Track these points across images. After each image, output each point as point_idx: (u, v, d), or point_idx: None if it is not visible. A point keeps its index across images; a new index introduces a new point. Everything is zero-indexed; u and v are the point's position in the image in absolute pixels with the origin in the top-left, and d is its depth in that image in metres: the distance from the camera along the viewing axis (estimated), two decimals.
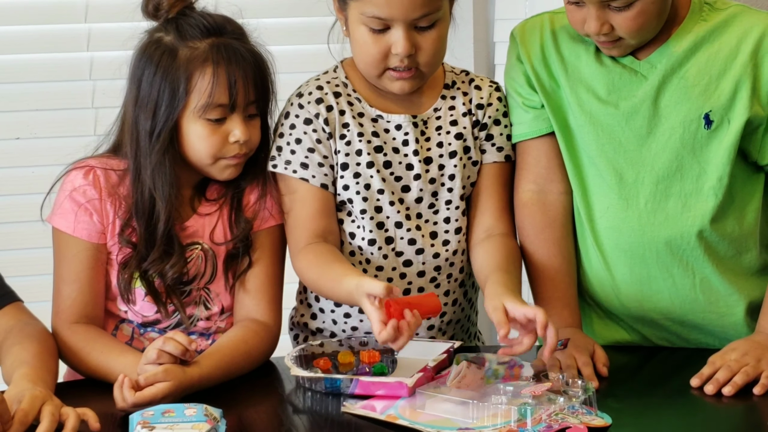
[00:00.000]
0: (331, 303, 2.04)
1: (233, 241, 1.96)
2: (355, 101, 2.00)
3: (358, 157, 1.98)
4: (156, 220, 1.91)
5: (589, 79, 1.96)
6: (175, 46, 1.90)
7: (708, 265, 1.95)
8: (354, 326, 2.04)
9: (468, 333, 2.13)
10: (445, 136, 2.01)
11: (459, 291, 2.05)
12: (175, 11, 1.92)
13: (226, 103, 1.89)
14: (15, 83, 2.76)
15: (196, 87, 1.88)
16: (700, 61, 1.91)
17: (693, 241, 1.93)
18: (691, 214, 1.93)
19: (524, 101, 2.02)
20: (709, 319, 1.99)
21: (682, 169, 1.92)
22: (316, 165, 1.97)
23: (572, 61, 1.98)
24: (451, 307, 2.05)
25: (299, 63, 2.48)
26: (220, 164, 1.94)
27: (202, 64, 1.88)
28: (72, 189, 1.93)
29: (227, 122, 1.91)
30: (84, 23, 2.75)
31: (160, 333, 1.96)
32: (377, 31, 1.90)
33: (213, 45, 1.90)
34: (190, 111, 1.90)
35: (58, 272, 1.95)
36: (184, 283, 1.95)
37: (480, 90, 2.04)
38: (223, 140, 1.91)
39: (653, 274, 1.96)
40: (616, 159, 1.95)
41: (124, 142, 1.95)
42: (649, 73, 1.93)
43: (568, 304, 2.00)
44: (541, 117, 2.01)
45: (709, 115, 1.90)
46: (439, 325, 2.04)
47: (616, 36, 1.89)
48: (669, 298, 1.97)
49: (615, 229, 1.96)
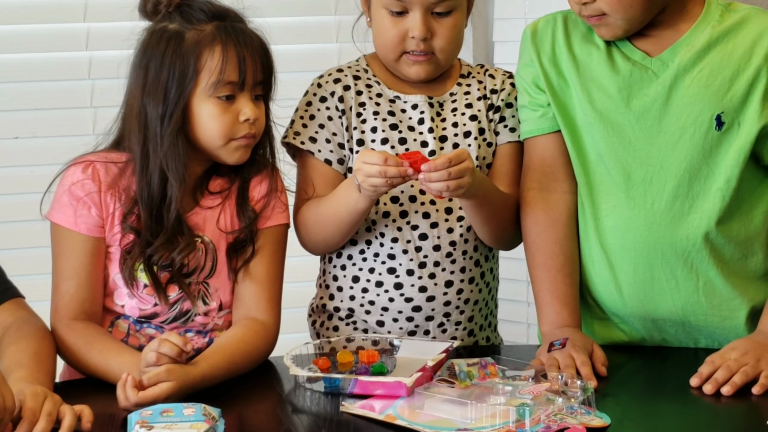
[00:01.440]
0: (348, 279, 2.07)
1: (241, 230, 1.97)
2: (374, 84, 2.08)
3: (373, 134, 2.04)
4: (168, 204, 1.92)
5: (600, 78, 1.97)
6: (181, 30, 1.92)
7: (712, 268, 1.95)
8: (371, 300, 2.06)
9: (488, 321, 2.14)
10: (460, 117, 2.07)
11: (476, 270, 2.08)
12: (176, 3, 1.94)
13: (236, 81, 1.91)
14: (14, 82, 2.77)
15: (206, 66, 1.90)
16: (714, 62, 1.92)
17: (699, 242, 1.93)
18: (698, 215, 1.93)
19: (531, 100, 2.03)
20: (710, 321, 1.98)
21: (690, 169, 1.92)
22: (324, 141, 2.04)
23: (584, 60, 1.99)
24: (468, 285, 2.07)
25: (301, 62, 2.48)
26: (231, 145, 1.95)
27: (210, 43, 1.90)
28: (71, 183, 1.94)
29: (237, 101, 1.93)
30: (83, 23, 2.75)
31: (156, 329, 1.97)
32: (396, 13, 1.99)
33: (219, 27, 1.92)
34: (200, 90, 1.91)
35: (57, 268, 1.95)
36: (184, 275, 1.96)
37: (494, 78, 2.11)
38: (234, 119, 1.93)
39: (657, 274, 1.96)
40: (625, 157, 1.95)
41: (127, 134, 1.95)
42: (660, 71, 1.94)
43: (567, 303, 2.00)
44: (546, 115, 2.02)
45: (720, 116, 1.91)
46: (457, 303, 2.06)
47: (599, 10, 1.90)
48: (671, 300, 1.97)
49: (621, 228, 1.96)
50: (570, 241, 2.02)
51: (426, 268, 2.04)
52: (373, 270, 2.06)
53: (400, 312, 2.05)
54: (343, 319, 2.09)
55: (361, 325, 2.08)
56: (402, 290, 2.04)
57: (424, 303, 2.04)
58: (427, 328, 2.06)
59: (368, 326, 2.07)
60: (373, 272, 2.06)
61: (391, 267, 2.04)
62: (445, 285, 2.05)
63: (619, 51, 1.97)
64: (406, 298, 2.04)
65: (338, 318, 2.10)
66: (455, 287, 2.05)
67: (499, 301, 2.96)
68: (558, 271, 2.00)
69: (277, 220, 2.01)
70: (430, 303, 2.05)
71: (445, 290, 2.05)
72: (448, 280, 2.05)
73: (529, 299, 2.89)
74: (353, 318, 2.09)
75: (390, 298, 2.05)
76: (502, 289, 2.97)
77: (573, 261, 2.02)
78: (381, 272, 2.05)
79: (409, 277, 2.02)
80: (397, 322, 2.05)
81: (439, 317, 2.06)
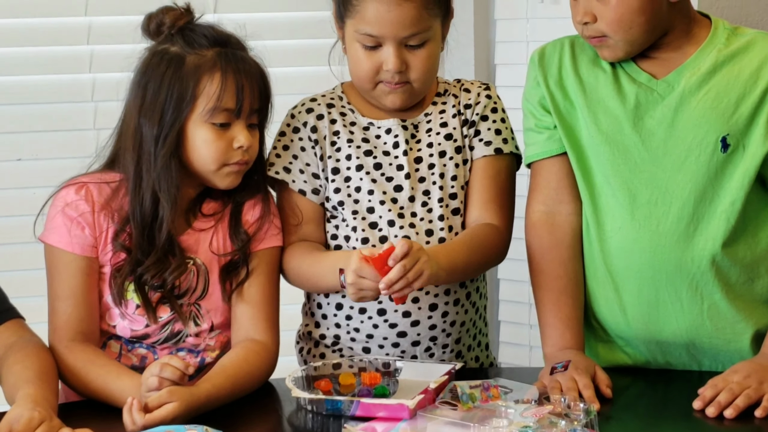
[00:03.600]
0: (332, 307, 2.06)
1: (234, 252, 1.97)
2: (348, 112, 2.08)
3: (347, 161, 2.04)
4: (159, 224, 1.92)
5: (606, 100, 1.97)
6: (183, 53, 1.93)
7: (717, 291, 1.94)
8: (356, 327, 2.05)
9: (476, 341, 2.13)
10: (435, 137, 2.06)
11: (461, 291, 2.06)
12: (179, 26, 1.94)
13: (233, 108, 1.92)
14: (17, 104, 2.77)
15: (204, 91, 1.91)
16: (720, 84, 1.92)
17: (704, 265, 1.93)
18: (703, 237, 1.92)
19: (537, 123, 2.04)
20: (715, 344, 1.98)
21: (696, 191, 1.92)
22: (298, 171, 2.05)
23: (591, 83, 2.00)
24: (453, 307, 2.05)
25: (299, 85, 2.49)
26: (223, 171, 1.95)
27: (210, 69, 1.91)
28: (64, 204, 1.95)
29: (232, 128, 1.94)
30: (86, 45, 2.76)
31: (148, 349, 1.97)
32: (370, 48, 1.99)
33: (220, 53, 1.93)
34: (196, 115, 1.92)
35: (53, 290, 1.96)
36: (175, 296, 1.96)
37: (469, 92, 2.10)
38: (228, 145, 1.93)
39: (662, 296, 1.96)
40: (630, 179, 1.95)
41: (122, 152, 1.96)
42: (666, 93, 1.94)
43: (571, 325, 1.99)
44: (553, 138, 2.02)
45: (726, 138, 1.91)
46: (442, 326, 2.05)
47: (600, 31, 1.91)
48: (676, 322, 1.97)
49: (626, 249, 1.96)
50: (574, 263, 2.02)
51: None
52: None
53: (386, 338, 2.04)
54: (329, 346, 2.08)
55: (347, 352, 2.07)
56: (386, 316, 2.03)
57: (408, 328, 2.03)
58: (414, 353, 2.05)
59: (354, 353, 2.05)
60: None
61: None
62: (430, 308, 2.03)
63: (626, 73, 1.98)
64: (390, 324, 2.03)
65: (324, 345, 2.09)
66: (440, 310, 2.04)
67: (501, 323, 2.97)
68: (561, 293, 2.00)
69: (270, 242, 2.01)
70: (414, 328, 2.03)
71: (430, 314, 2.03)
72: (432, 303, 2.03)
73: (531, 321, 2.89)
74: (339, 345, 2.08)
75: (374, 324, 2.04)
76: (503, 312, 2.98)
77: (577, 283, 2.02)
78: None
79: (392, 303, 1.99)
80: (383, 349, 2.04)
81: (426, 341, 2.04)
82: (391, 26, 1.96)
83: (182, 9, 1.97)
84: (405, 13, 1.95)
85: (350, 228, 2.04)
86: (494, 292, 2.96)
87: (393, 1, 1.94)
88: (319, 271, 1.99)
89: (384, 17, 1.95)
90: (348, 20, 2.00)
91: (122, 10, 2.71)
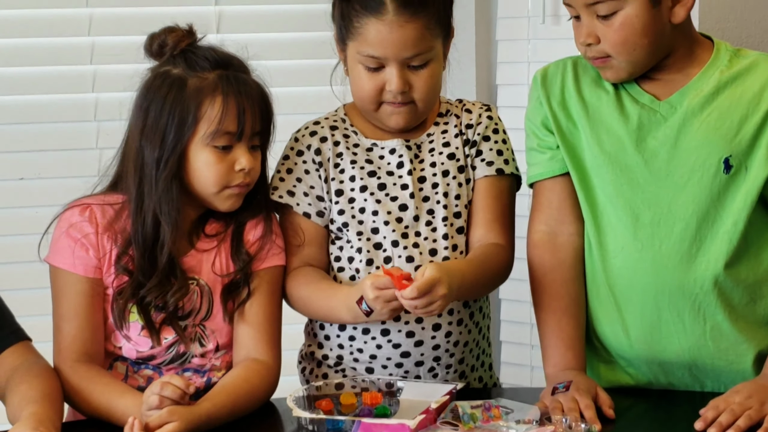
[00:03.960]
0: (335, 328, 2.06)
1: (235, 273, 1.97)
2: (351, 134, 2.09)
3: (351, 183, 2.04)
4: (161, 246, 1.93)
5: (609, 121, 1.98)
6: (184, 76, 1.93)
7: (720, 312, 1.94)
8: (359, 348, 2.05)
9: (480, 361, 2.13)
10: (437, 156, 2.07)
11: (464, 311, 2.06)
12: (181, 47, 1.95)
13: (235, 131, 1.92)
14: (19, 124, 2.78)
15: (205, 114, 1.91)
16: (723, 106, 1.93)
17: (706, 285, 1.92)
18: (706, 258, 1.92)
19: (540, 143, 2.04)
20: (717, 365, 1.98)
21: (698, 212, 1.92)
22: (302, 194, 2.05)
23: (593, 103, 2.00)
24: (456, 327, 2.05)
25: (301, 104, 2.50)
26: (225, 193, 1.96)
27: (212, 92, 1.92)
28: (68, 226, 1.95)
29: (233, 151, 1.94)
30: (89, 65, 2.77)
31: (154, 370, 1.97)
32: (372, 69, 1.99)
33: (222, 76, 1.94)
34: (198, 139, 1.92)
35: (57, 311, 1.96)
36: (179, 317, 1.96)
37: (470, 113, 2.11)
38: (229, 168, 1.94)
39: (664, 317, 1.96)
40: (633, 199, 1.95)
41: (125, 174, 1.97)
42: (669, 114, 1.94)
43: (572, 346, 1.99)
44: (555, 158, 2.02)
45: (728, 159, 1.91)
46: (446, 345, 2.04)
47: (603, 52, 1.91)
48: (678, 343, 1.97)
49: (628, 269, 1.96)
50: (576, 283, 2.02)
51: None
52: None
53: (389, 359, 2.03)
54: (332, 366, 2.08)
55: (350, 372, 2.06)
56: (389, 336, 2.03)
57: (412, 348, 2.03)
58: (417, 373, 2.04)
59: (357, 374, 2.05)
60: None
61: None
62: (433, 328, 2.03)
63: (628, 94, 1.98)
64: (393, 344, 2.03)
65: (327, 366, 2.09)
66: (443, 330, 2.03)
67: (502, 343, 2.97)
68: (563, 313, 2.00)
69: (272, 261, 2.01)
70: (418, 348, 2.03)
71: (433, 334, 2.03)
72: (436, 324, 2.03)
73: (532, 342, 2.89)
74: (342, 366, 2.07)
75: (378, 344, 2.03)
76: (504, 332, 2.98)
77: (579, 303, 2.02)
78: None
79: (395, 323, 2.00)
80: (386, 369, 2.04)
81: (429, 362, 2.04)
82: (394, 47, 1.96)
83: (185, 30, 1.98)
84: (407, 34, 1.96)
85: (354, 249, 2.03)
86: (496, 312, 2.96)
87: (395, 23, 1.95)
88: (332, 305, 1.98)
89: (386, 38, 1.96)
90: (350, 42, 2.00)
91: (125, 30, 2.72)
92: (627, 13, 1.88)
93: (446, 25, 2.03)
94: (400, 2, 1.95)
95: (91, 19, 2.76)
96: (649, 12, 1.89)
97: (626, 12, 1.88)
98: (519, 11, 2.88)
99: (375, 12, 1.95)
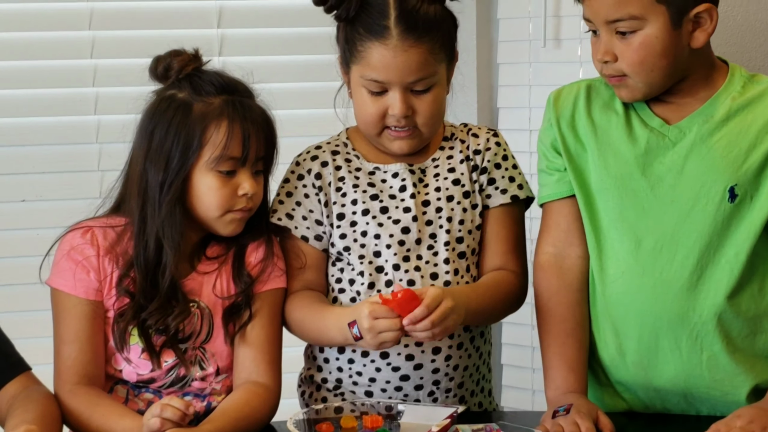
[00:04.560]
0: (334, 351, 2.06)
1: (236, 295, 1.97)
2: (353, 158, 2.09)
3: (353, 206, 2.04)
4: (163, 269, 1.93)
5: (617, 144, 1.96)
6: (190, 101, 1.93)
7: (718, 342, 1.92)
8: (358, 371, 2.04)
9: (480, 386, 2.12)
10: (442, 181, 2.07)
11: (465, 335, 2.05)
12: (187, 71, 1.95)
13: (239, 157, 1.93)
14: (21, 146, 2.78)
15: (210, 140, 1.92)
16: (732, 133, 1.90)
17: (705, 315, 1.91)
18: (706, 287, 1.90)
19: (549, 164, 2.04)
20: (712, 395, 1.96)
21: (701, 240, 1.90)
22: (300, 218, 2.05)
23: (603, 125, 1.99)
24: (456, 351, 2.04)
25: (305, 127, 2.50)
26: (227, 218, 1.96)
27: (217, 117, 1.92)
28: (70, 248, 1.96)
29: (237, 176, 1.95)
30: (92, 87, 2.78)
31: (155, 393, 1.97)
32: (375, 93, 1.99)
33: (227, 101, 1.94)
34: (202, 163, 1.93)
35: (58, 333, 1.96)
36: (180, 340, 1.95)
37: (477, 137, 2.10)
38: (233, 193, 1.94)
39: (662, 343, 1.94)
40: (636, 224, 1.94)
41: (128, 196, 1.97)
42: (678, 139, 1.93)
43: (575, 369, 1.99)
44: (563, 180, 2.02)
45: (734, 188, 1.89)
46: (446, 369, 2.04)
47: (620, 70, 1.90)
48: (674, 370, 1.95)
49: (628, 294, 1.95)
50: (581, 307, 2.01)
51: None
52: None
53: (388, 382, 2.03)
54: (331, 390, 2.08)
55: (349, 396, 2.05)
56: (388, 359, 2.02)
57: (411, 371, 2.02)
58: (416, 396, 2.03)
59: (356, 397, 2.04)
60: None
61: None
62: (433, 352, 2.02)
63: (638, 117, 1.97)
64: (393, 368, 2.02)
65: (326, 389, 2.08)
66: (443, 354, 2.03)
67: (504, 366, 2.96)
68: (567, 336, 1.99)
69: (273, 283, 2.02)
70: (417, 371, 2.02)
71: (433, 357, 2.02)
72: (436, 347, 2.02)
73: (534, 365, 2.88)
74: (341, 389, 2.07)
75: (377, 368, 2.03)
76: (506, 355, 2.97)
77: (583, 326, 2.01)
78: None
79: (395, 346, 1.98)
80: (385, 392, 2.03)
81: (429, 386, 2.03)
82: (397, 71, 1.96)
83: (191, 54, 1.98)
84: (411, 58, 1.96)
85: (356, 272, 2.03)
86: (497, 335, 2.95)
87: (399, 47, 1.95)
88: (323, 326, 1.97)
89: (390, 63, 1.96)
90: (353, 66, 2.01)
91: (127, 52, 2.73)
92: (647, 33, 1.87)
93: (450, 50, 2.03)
94: (404, 27, 1.95)
95: (94, 41, 2.77)
96: (669, 34, 1.87)
97: (646, 32, 1.86)
98: (520, 35, 2.88)
99: (379, 36, 1.96)
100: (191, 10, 2.82)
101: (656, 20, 1.86)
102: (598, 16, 1.90)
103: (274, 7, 2.86)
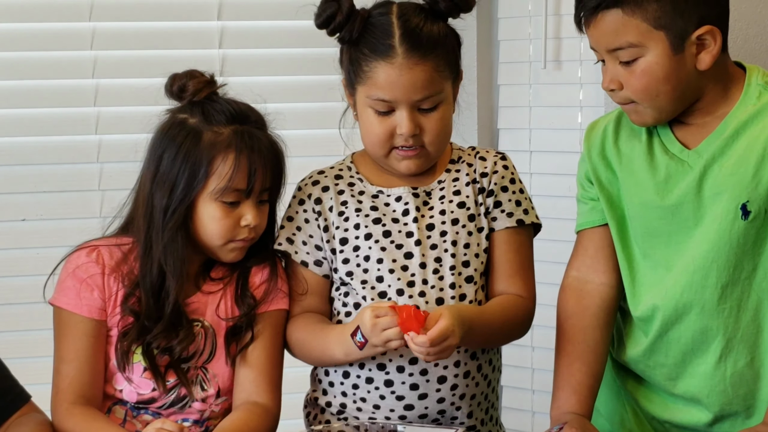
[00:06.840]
0: (339, 375, 2.03)
1: (239, 317, 1.97)
2: (356, 182, 2.08)
3: (356, 230, 2.03)
4: (165, 294, 1.93)
5: (639, 171, 1.95)
6: (200, 128, 1.93)
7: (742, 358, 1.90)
8: (362, 397, 2.02)
9: (488, 414, 2.09)
10: (447, 204, 2.05)
11: (471, 363, 2.02)
12: (201, 96, 1.96)
13: (244, 189, 1.93)
14: (22, 165, 2.78)
15: (216, 170, 1.92)
16: (740, 148, 1.86)
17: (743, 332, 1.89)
18: (727, 305, 1.89)
19: (583, 194, 2.04)
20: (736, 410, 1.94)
21: (719, 260, 1.87)
22: (301, 243, 2.04)
23: (627, 154, 1.98)
24: (462, 380, 2.01)
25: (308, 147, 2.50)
26: (228, 246, 1.96)
27: (225, 149, 1.92)
28: (75, 267, 1.95)
29: (240, 206, 1.95)
30: (93, 106, 2.78)
31: (153, 415, 1.96)
32: (382, 113, 1.99)
33: (237, 131, 1.94)
34: (207, 193, 1.93)
35: (58, 352, 1.96)
36: (182, 359, 1.95)
37: (485, 161, 2.09)
38: (235, 223, 1.94)
39: (688, 359, 1.93)
40: (665, 252, 1.93)
41: (136, 217, 1.97)
42: (695, 163, 1.90)
43: (579, 391, 1.98)
44: (596, 209, 2.02)
45: (746, 205, 1.86)
46: (451, 399, 2.00)
47: (627, 98, 1.90)
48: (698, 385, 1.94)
49: (666, 324, 1.93)
50: (597, 332, 2.00)
51: (417, 363, 1.97)
52: (363, 366, 2.00)
53: (392, 410, 1.99)
54: (335, 414, 2.06)
55: (353, 422, 2.02)
56: (393, 387, 1.99)
57: (416, 401, 1.98)
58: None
59: (360, 423, 2.00)
60: (363, 368, 2.00)
61: (381, 363, 1.97)
62: (438, 381, 1.98)
63: (660, 144, 1.95)
64: (397, 396, 1.99)
65: (330, 413, 2.06)
66: (449, 383, 1.99)
67: (504, 388, 2.95)
68: (577, 359, 1.99)
69: (276, 305, 2.01)
70: (422, 401, 1.99)
71: (438, 386, 1.98)
72: (441, 376, 1.98)
73: (533, 387, 2.88)
74: (345, 414, 2.04)
75: (381, 395, 2.00)
76: (506, 377, 2.96)
77: (595, 351, 2.00)
78: (371, 368, 1.99)
79: (399, 374, 1.97)
80: (389, 420, 2.01)
81: (434, 415, 2.00)
82: (404, 90, 1.96)
83: (206, 79, 1.98)
84: (417, 76, 1.96)
85: (360, 297, 2.02)
86: None
87: (404, 65, 1.95)
88: (324, 343, 1.97)
89: (396, 81, 1.96)
90: (359, 87, 2.00)
91: (129, 72, 2.74)
92: (648, 60, 1.85)
93: (455, 67, 2.03)
94: (409, 45, 1.95)
95: (95, 60, 2.77)
96: (670, 59, 1.85)
97: (647, 59, 1.85)
98: (520, 56, 2.89)
99: (384, 55, 1.96)
100: (193, 31, 2.82)
101: (656, 47, 1.84)
102: (600, 46, 1.90)
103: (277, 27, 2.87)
